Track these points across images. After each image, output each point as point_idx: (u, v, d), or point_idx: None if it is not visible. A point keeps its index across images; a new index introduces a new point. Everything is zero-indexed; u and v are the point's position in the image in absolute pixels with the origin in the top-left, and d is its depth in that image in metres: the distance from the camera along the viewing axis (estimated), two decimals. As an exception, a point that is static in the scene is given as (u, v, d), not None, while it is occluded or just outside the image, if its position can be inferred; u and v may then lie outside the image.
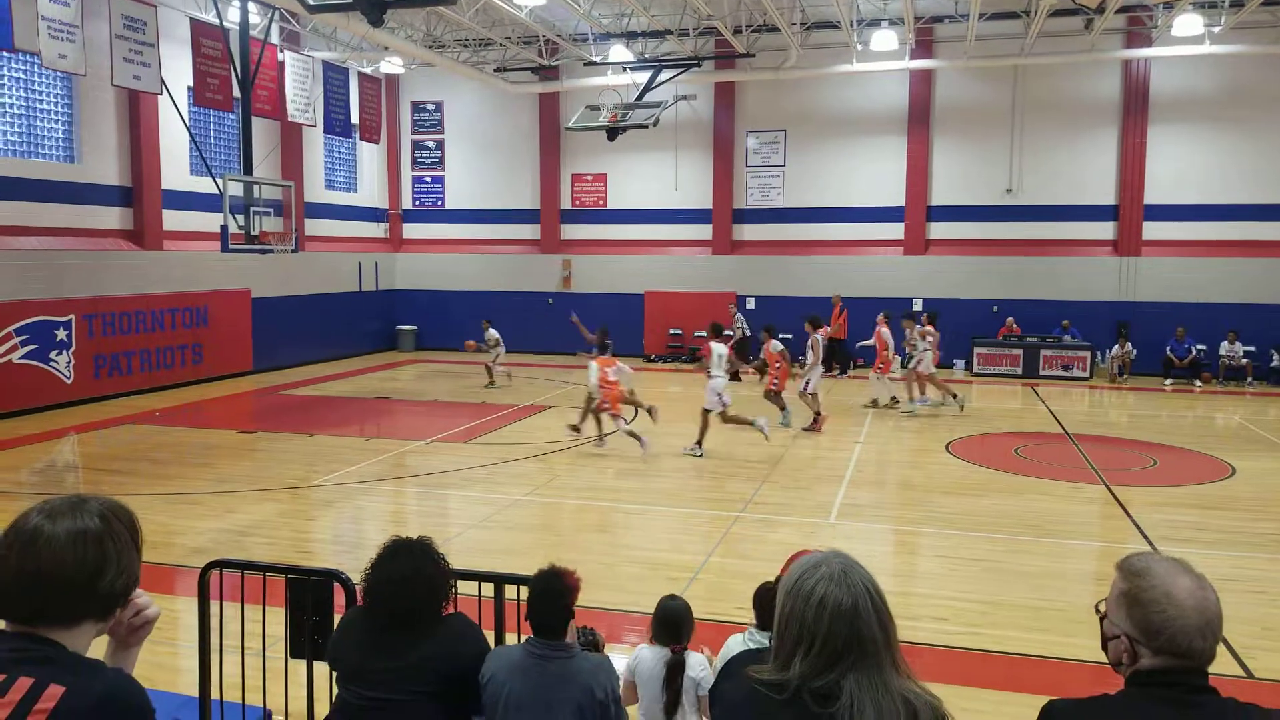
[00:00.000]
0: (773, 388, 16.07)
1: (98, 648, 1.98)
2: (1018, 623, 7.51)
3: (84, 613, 1.87)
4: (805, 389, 16.02)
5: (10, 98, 17.40)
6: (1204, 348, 22.16)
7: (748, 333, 23.59)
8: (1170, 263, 23.10)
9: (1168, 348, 22.17)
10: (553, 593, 3.78)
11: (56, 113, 18.30)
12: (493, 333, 21.13)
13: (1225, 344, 21.91)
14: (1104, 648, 2.25)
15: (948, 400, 17.69)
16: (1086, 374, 22.54)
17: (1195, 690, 2.09)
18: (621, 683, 4.60)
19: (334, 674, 3.74)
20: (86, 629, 1.87)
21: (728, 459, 13.93)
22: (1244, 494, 11.85)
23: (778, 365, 15.94)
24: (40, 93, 17.94)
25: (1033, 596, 8.09)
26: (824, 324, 16.75)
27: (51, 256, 17.61)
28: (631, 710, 4.46)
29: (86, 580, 1.85)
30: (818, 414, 15.86)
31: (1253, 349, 21.98)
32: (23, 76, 17.53)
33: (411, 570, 3.57)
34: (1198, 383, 21.67)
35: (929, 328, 18.26)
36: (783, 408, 16.03)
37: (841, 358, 23.24)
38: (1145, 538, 9.81)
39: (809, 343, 16.31)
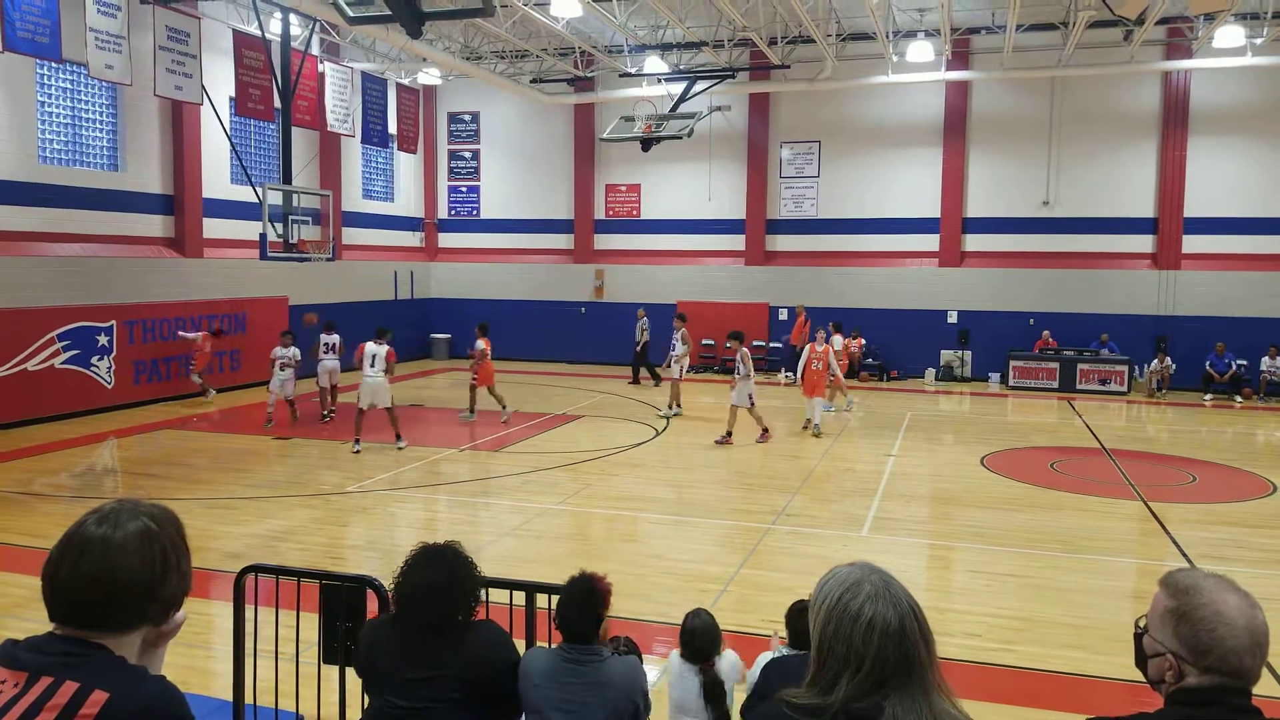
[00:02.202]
0: (472, 383, 17.37)
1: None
2: (1053, 640, 7.41)
3: (144, 618, 1.88)
4: (750, 405, 15.56)
5: (57, 107, 17.75)
6: (1245, 363, 21.80)
7: (648, 339, 23.22)
8: (1210, 276, 22.76)
9: (1207, 362, 21.83)
10: (585, 599, 3.79)
11: (101, 122, 18.65)
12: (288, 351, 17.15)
13: (1266, 359, 21.54)
14: (1139, 664, 2.21)
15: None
16: (1124, 388, 22.25)
17: (1239, 710, 2.05)
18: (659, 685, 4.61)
19: (363, 683, 3.75)
20: (136, 635, 1.89)
21: (759, 471, 13.89)
22: (1286, 512, 11.64)
23: (477, 362, 17.19)
24: (86, 102, 18.29)
25: (1069, 613, 7.99)
26: (744, 338, 16.27)
27: (94, 263, 17.91)
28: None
29: (154, 585, 1.87)
30: (764, 429, 15.79)
31: (1296, 365, 21.60)
32: (69, 86, 17.88)
33: (446, 576, 3.56)
34: (1238, 398, 21.33)
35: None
36: (472, 407, 17.61)
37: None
38: (1184, 555, 9.66)
39: (739, 356, 15.73)
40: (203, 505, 11.22)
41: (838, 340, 19.88)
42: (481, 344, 17.33)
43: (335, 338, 17.88)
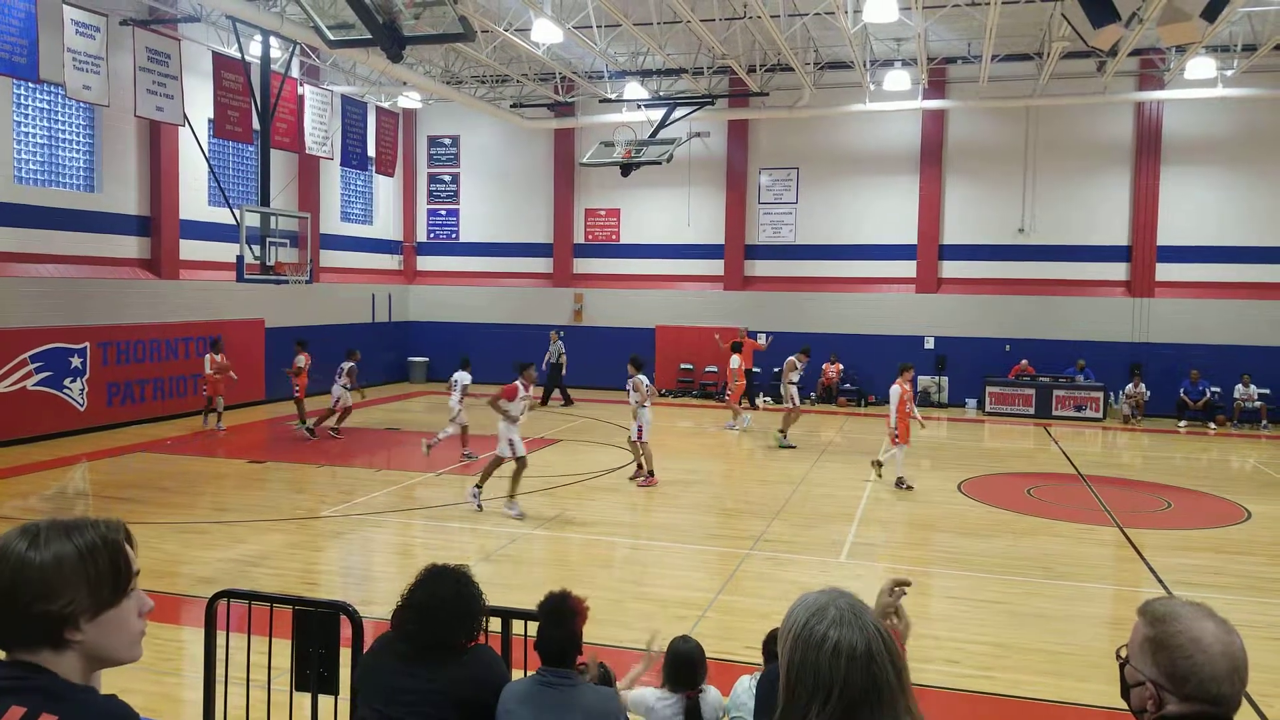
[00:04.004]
0: (297, 396, 18.28)
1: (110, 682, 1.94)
2: (1031, 666, 7.41)
3: (29, 636, 1.79)
4: (638, 437, 14.09)
5: (33, 127, 17.63)
6: (1218, 390, 22.02)
7: (554, 361, 23.56)
8: (1184, 304, 23.03)
9: (1181, 389, 22.04)
10: (558, 614, 3.81)
11: (78, 143, 18.54)
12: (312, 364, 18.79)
13: (1240, 386, 21.77)
14: (1124, 695, 2.20)
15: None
16: (1100, 415, 22.41)
17: None
18: None
19: (356, 693, 3.78)
20: (68, 656, 1.82)
21: (738, 496, 13.87)
22: (1260, 538, 11.72)
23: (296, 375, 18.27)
24: (63, 123, 18.17)
25: (1046, 639, 7.99)
26: (644, 364, 14.81)
27: (68, 284, 17.75)
28: None
29: (17, 603, 1.77)
30: (640, 466, 14.19)
31: (1267, 391, 21.82)
32: (46, 107, 17.77)
33: (451, 595, 3.65)
34: (1212, 425, 21.52)
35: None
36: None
37: (750, 390, 23.19)
38: (1160, 581, 9.70)
39: (630, 385, 14.37)
40: (175, 529, 11.08)
41: (735, 360, 20.40)
42: (302, 359, 18.33)
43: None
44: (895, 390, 14.53)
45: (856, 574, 9.88)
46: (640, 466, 14.25)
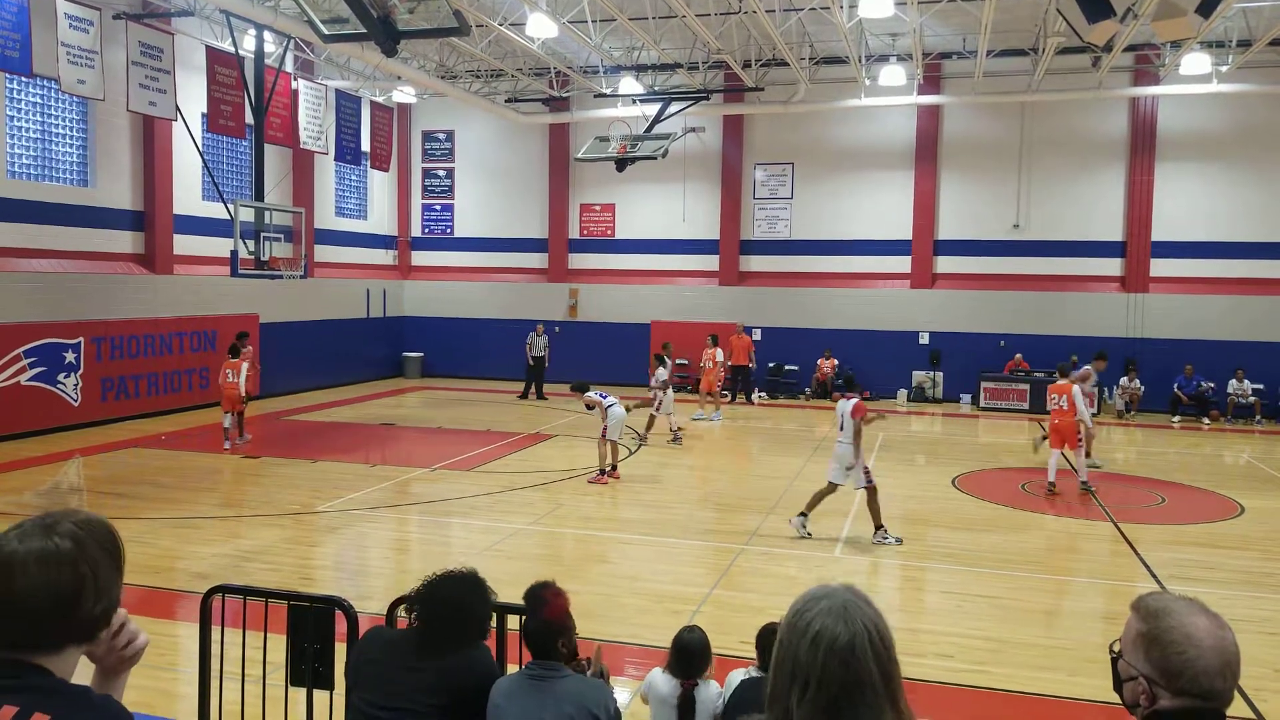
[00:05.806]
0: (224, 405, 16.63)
1: (83, 673, 1.93)
2: (1026, 661, 7.43)
3: (63, 638, 1.79)
4: (604, 436, 14.03)
5: (27, 122, 17.57)
6: (1212, 385, 22.07)
7: (537, 355, 23.82)
8: (1178, 300, 23.07)
9: (1176, 385, 22.09)
10: (534, 603, 3.86)
11: (71, 137, 18.47)
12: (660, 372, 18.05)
13: (1233, 381, 21.83)
14: (1116, 689, 2.21)
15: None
16: (1094, 410, 22.43)
17: None
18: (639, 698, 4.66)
19: (347, 682, 3.83)
20: (70, 654, 1.80)
21: (733, 491, 13.87)
22: (1253, 533, 11.76)
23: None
24: (56, 117, 18.11)
25: (1041, 634, 8.01)
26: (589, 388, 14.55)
27: (62, 279, 17.70)
28: None
29: (61, 606, 1.76)
30: (606, 468, 14.00)
31: (1261, 386, 21.89)
32: (39, 101, 17.71)
33: (458, 601, 3.71)
34: (1206, 420, 21.57)
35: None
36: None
37: (746, 385, 24.22)
38: (1154, 576, 9.72)
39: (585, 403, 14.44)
40: (169, 525, 11.06)
41: (718, 353, 21.26)
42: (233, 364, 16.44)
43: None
44: (1078, 391, 13.75)
45: (852, 569, 9.89)
46: (604, 470, 14.06)
